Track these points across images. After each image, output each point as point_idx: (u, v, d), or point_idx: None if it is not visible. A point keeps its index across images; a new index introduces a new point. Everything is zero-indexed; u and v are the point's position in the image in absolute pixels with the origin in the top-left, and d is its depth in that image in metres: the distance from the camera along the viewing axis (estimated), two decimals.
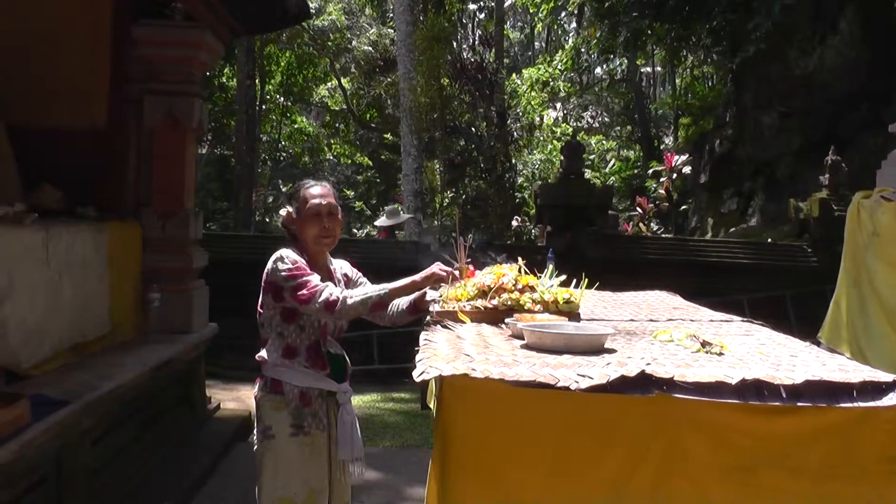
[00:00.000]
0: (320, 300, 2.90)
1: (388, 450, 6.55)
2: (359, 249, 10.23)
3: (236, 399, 7.67)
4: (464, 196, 14.70)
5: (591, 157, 23.16)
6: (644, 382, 1.97)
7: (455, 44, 16.89)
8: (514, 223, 14.91)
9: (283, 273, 2.96)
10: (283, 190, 23.50)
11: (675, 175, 15.57)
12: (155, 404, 5.54)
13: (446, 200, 15.73)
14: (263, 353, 3.11)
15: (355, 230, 22.02)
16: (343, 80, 24.00)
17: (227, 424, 6.57)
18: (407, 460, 6.10)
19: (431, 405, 2.39)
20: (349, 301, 2.91)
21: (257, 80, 19.61)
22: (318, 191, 3.14)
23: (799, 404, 1.95)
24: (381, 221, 12.94)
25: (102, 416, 4.46)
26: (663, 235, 15.18)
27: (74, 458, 4.09)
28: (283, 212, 3.22)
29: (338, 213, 3.17)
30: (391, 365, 9.40)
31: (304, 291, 2.92)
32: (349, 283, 3.28)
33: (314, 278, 2.97)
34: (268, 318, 3.10)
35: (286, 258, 2.99)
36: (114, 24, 5.88)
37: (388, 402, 8.50)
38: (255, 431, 3.13)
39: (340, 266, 3.33)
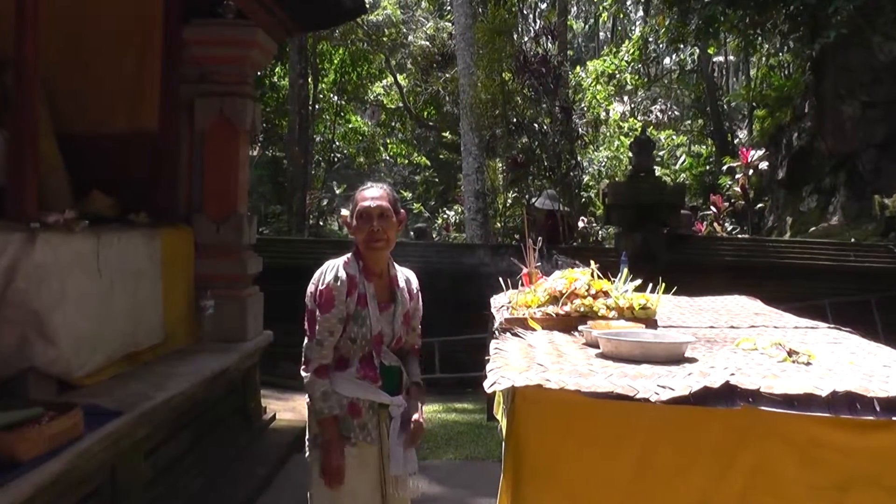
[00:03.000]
0: (307, 353, 2.99)
1: (452, 462, 6.32)
2: (416, 252, 10.10)
3: (292, 409, 7.53)
4: (527, 196, 14.29)
5: (661, 153, 22.52)
6: (728, 394, 1.88)
7: (516, 36, 16.50)
8: (581, 224, 14.52)
9: (311, 291, 3.00)
10: (338, 192, 23.45)
11: (750, 171, 14.96)
12: (209, 414, 5.56)
13: (509, 201, 15.33)
14: None
15: (413, 233, 21.85)
16: (399, 77, 23.79)
17: (282, 435, 6.51)
18: (471, 473, 5.91)
19: (498, 416, 2.38)
20: (314, 389, 2.95)
21: (310, 79, 19.39)
22: (370, 193, 3.05)
23: (894, 419, 1.84)
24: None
25: (156, 427, 4.47)
26: (739, 236, 14.67)
27: (128, 468, 4.12)
28: (344, 212, 3.22)
29: (392, 216, 3.03)
30: (454, 374, 9.23)
31: (308, 329, 2.99)
32: (411, 299, 3.18)
33: (326, 322, 2.94)
34: None
35: (325, 278, 2.97)
36: (165, 27, 5.90)
37: (451, 412, 8.29)
38: (306, 439, 3.17)
39: (407, 278, 3.22)
